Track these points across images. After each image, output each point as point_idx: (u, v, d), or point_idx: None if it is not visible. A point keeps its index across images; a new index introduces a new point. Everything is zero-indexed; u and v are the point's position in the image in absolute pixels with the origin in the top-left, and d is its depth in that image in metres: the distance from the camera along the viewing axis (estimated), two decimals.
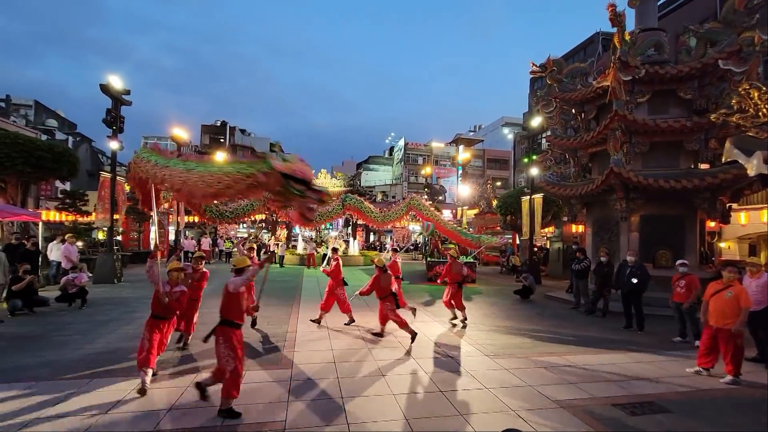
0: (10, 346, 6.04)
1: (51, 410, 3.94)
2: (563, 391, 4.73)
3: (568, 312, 10.02)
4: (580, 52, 33.12)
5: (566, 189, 11.80)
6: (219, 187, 3.76)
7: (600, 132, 10.56)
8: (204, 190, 3.87)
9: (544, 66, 12.31)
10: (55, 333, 6.85)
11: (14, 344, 6.13)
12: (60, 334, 6.79)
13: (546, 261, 19.73)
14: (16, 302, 8.06)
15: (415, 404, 4.27)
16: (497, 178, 44.28)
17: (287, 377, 4.97)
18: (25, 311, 8.19)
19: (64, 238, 12.17)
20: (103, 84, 12.95)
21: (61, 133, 35.98)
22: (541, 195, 15.44)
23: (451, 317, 8.57)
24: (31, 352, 5.74)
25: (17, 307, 8.05)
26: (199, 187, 3.89)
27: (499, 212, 20.90)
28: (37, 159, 13.07)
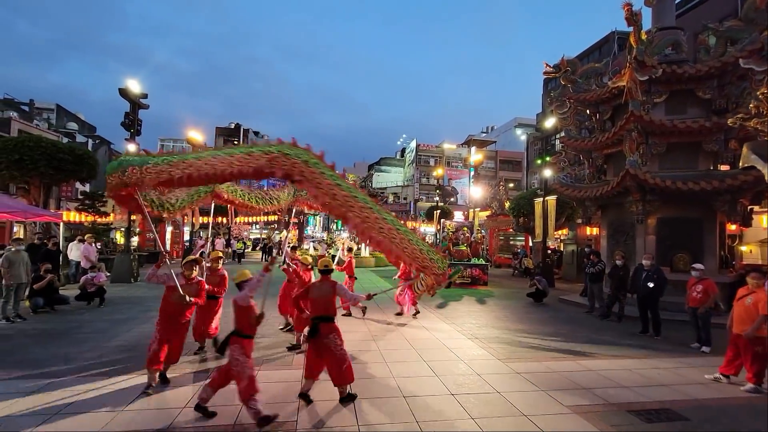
0: (32, 342, 6.24)
1: (71, 406, 4.05)
2: (577, 396, 4.66)
3: (582, 316, 9.87)
4: (594, 51, 32.62)
5: (580, 191, 11.63)
6: (231, 170, 3.94)
7: (615, 133, 10.38)
8: (216, 174, 4.02)
9: (558, 66, 12.16)
10: (74, 330, 7.04)
11: (36, 341, 6.32)
12: (79, 331, 6.98)
13: (559, 264, 19.44)
14: (38, 300, 8.32)
15: (425, 407, 4.26)
16: (510, 179, 43.89)
17: (298, 378, 5.01)
18: (47, 309, 8.44)
19: (84, 238, 12.51)
20: (121, 88, 13.29)
21: (81, 135, 36.97)
22: (554, 197, 15.23)
23: (397, 311, 8.96)
24: (51, 349, 5.91)
25: (39, 305, 8.31)
26: (210, 170, 4.00)
27: (511, 214, 20.68)
28: (58, 161, 13.46)
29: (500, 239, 26.49)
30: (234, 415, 3.93)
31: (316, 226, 52.35)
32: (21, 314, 7.78)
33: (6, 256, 7.77)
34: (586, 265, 10.39)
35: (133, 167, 4.12)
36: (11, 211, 10.40)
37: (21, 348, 5.97)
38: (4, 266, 7.67)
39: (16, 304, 7.75)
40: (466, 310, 10.11)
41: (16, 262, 7.77)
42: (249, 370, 3.85)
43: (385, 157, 61.21)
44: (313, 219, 50.14)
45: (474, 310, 10.25)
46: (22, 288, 8.00)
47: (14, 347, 6.00)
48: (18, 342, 6.27)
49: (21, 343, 6.18)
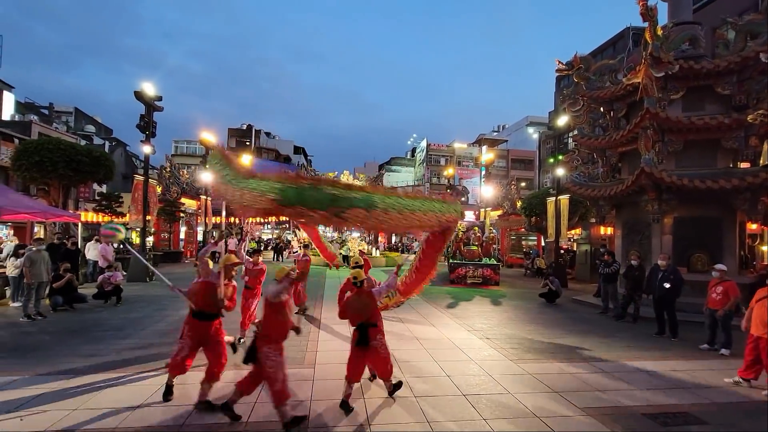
0: (52, 339, 6.41)
1: (88, 402, 4.15)
2: (590, 398, 4.59)
3: (596, 317, 9.72)
4: (608, 48, 32.07)
5: (594, 190, 11.45)
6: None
7: (630, 130, 10.19)
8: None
9: (571, 64, 11.98)
10: (92, 328, 7.21)
11: (56, 338, 6.49)
12: (97, 329, 7.15)
13: (572, 264, 19.17)
14: (58, 299, 8.55)
15: (436, 408, 4.24)
16: (521, 178, 43.43)
17: (310, 376, 5.05)
18: (66, 307, 8.66)
19: (101, 238, 12.79)
20: (137, 91, 13.56)
21: (98, 138, 37.83)
22: (567, 196, 15.03)
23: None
24: (71, 346, 6.06)
25: (58, 303, 8.54)
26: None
27: (523, 213, 20.49)
28: (77, 163, 13.81)
29: (512, 239, 26.24)
30: (246, 413, 3.98)
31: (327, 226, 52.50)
32: (42, 312, 8.00)
33: (28, 255, 8.00)
34: (600, 266, 10.23)
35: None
36: (32, 212, 10.71)
37: (42, 345, 6.14)
38: (26, 265, 7.90)
39: (37, 302, 7.97)
40: (478, 311, 10.04)
41: (37, 261, 7.99)
42: (283, 372, 3.70)
43: (396, 157, 61.16)
44: None
45: (485, 310, 10.17)
46: (42, 286, 8.22)
47: (35, 344, 6.17)
48: (39, 339, 6.45)
49: (42, 340, 6.36)
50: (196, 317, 4.23)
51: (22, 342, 6.30)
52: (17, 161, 13.79)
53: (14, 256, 8.85)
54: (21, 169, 13.77)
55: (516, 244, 25.97)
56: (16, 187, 15.74)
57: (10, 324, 7.44)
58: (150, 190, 14.73)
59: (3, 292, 9.33)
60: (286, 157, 52.98)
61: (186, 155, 44.67)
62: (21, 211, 10.01)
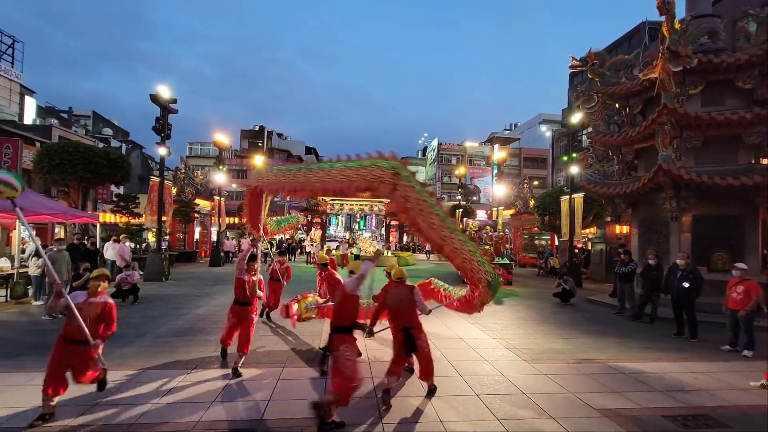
0: None
1: (109, 397, 4.24)
2: (607, 399, 4.51)
3: (612, 317, 9.54)
4: (624, 43, 31.47)
5: (609, 188, 11.24)
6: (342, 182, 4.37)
7: (647, 127, 9.97)
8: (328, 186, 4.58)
9: (585, 59, 11.79)
10: None
11: None
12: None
13: (587, 263, 18.87)
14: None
15: (450, 407, 4.22)
16: (534, 177, 42.91)
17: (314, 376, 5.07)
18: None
19: (119, 238, 13.08)
20: (152, 94, 13.82)
21: (115, 140, 38.70)
22: (581, 194, 14.79)
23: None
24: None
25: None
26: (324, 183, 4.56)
27: (536, 212, 20.23)
28: (95, 165, 14.16)
29: (525, 238, 25.95)
30: (261, 410, 4.02)
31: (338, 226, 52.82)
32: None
33: (49, 255, 8.22)
34: (616, 265, 10.04)
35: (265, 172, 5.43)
36: (53, 213, 11.01)
37: None
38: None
39: None
40: (490, 310, 9.93)
41: (59, 260, 8.21)
42: (358, 373, 3.74)
43: (407, 157, 60.99)
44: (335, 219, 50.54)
45: (498, 309, 10.08)
46: (64, 285, 8.43)
47: None
48: None
49: None
50: (236, 304, 5.40)
51: (45, 340, 6.46)
52: (39, 164, 14.20)
53: (36, 256, 9.11)
54: (42, 171, 14.18)
55: (529, 243, 25.68)
56: (38, 188, 16.19)
57: (32, 322, 7.66)
58: (165, 191, 14.99)
59: (26, 291, 9.61)
60: (298, 158, 53.36)
61: (200, 156, 45.41)
62: (43, 212, 10.31)
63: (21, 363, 5.28)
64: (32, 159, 15.41)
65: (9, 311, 8.54)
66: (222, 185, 22.43)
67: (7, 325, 7.48)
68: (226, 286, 13.01)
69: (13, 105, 24.21)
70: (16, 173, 3.79)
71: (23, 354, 5.70)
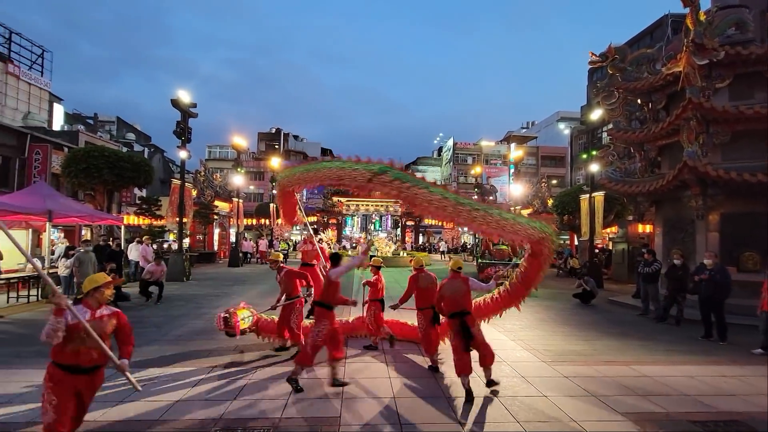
0: None
1: (134, 393, 4.37)
2: (631, 402, 4.38)
3: (635, 318, 9.28)
4: (645, 37, 30.58)
5: (632, 186, 10.94)
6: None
7: (671, 122, 9.66)
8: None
9: (605, 55, 11.50)
10: (135, 325, 7.47)
11: None
12: (139, 326, 7.51)
13: (608, 263, 18.41)
14: None
15: (468, 410, 4.18)
16: (552, 176, 42.16)
17: (341, 375, 5.09)
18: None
19: (142, 239, 13.47)
20: (173, 99, 14.19)
21: (138, 144, 39.88)
22: (602, 193, 14.45)
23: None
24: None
25: None
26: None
27: (555, 212, 19.88)
28: (119, 169, 14.64)
29: None
30: (279, 410, 4.07)
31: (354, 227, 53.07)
32: None
33: (77, 256, 8.54)
34: (640, 265, 9.76)
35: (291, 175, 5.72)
36: (80, 215, 11.42)
37: None
38: (75, 265, 8.43)
39: None
40: (508, 311, 9.78)
41: (86, 261, 8.51)
42: (322, 341, 4.53)
43: (422, 157, 60.88)
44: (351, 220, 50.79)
45: (515, 310, 9.91)
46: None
47: None
48: None
49: None
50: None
51: None
52: (67, 168, 14.77)
53: (65, 257, 9.48)
54: (70, 175, 14.75)
55: None
56: (66, 192, 16.83)
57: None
58: (186, 193, 15.35)
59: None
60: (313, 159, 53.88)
61: (219, 159, 46.34)
62: (71, 215, 10.71)
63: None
64: (60, 164, 16.05)
65: (40, 310, 8.91)
66: (240, 187, 22.84)
67: (39, 324, 7.77)
68: (244, 286, 13.24)
69: (42, 112, 25.23)
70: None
71: None
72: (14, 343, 6.38)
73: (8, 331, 7.10)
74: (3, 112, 22.33)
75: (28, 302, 9.49)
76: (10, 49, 23.55)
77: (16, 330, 7.22)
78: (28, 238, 11.75)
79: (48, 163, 17.22)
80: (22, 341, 6.49)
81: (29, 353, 5.81)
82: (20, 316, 8.25)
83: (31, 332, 7.08)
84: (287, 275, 5.92)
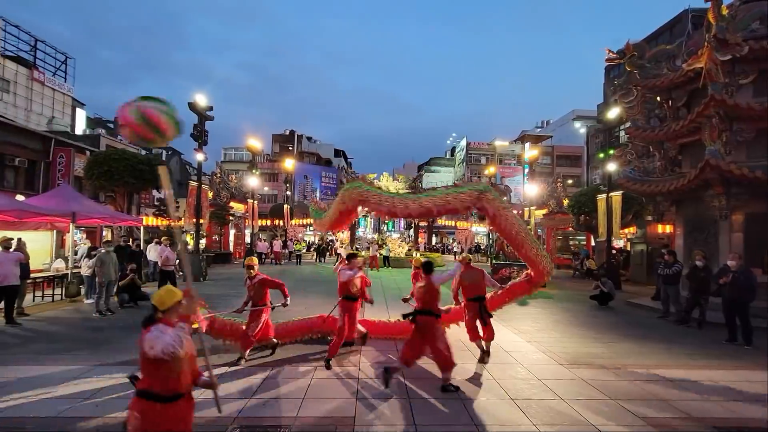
0: (121, 333, 6.99)
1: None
2: (652, 407, 4.28)
3: (655, 321, 9.06)
4: (665, 33, 29.84)
5: (651, 185, 10.69)
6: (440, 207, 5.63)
7: (692, 120, 9.41)
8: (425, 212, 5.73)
9: (623, 52, 11.26)
10: None
11: (125, 332, 7.06)
12: None
13: (626, 264, 18.01)
14: (124, 296, 9.33)
15: (484, 412, 4.15)
16: (568, 175, 41.50)
17: (355, 376, 5.12)
18: (131, 304, 9.41)
19: (160, 240, 13.76)
20: (190, 102, 14.47)
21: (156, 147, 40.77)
22: (620, 192, 14.15)
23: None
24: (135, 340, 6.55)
25: (125, 300, 9.31)
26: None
27: (571, 212, 19.54)
28: (139, 171, 15.00)
29: (558, 239, 25.10)
30: (296, 409, 4.11)
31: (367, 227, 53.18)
32: (111, 308, 8.74)
33: (98, 256, 8.77)
34: (659, 266, 9.53)
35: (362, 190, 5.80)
36: (102, 217, 11.75)
37: (113, 338, 6.71)
38: (97, 265, 8.66)
39: (107, 300, 8.73)
40: (524, 312, 9.70)
41: (107, 261, 8.74)
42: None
43: (435, 157, 60.63)
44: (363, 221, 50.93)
45: (531, 312, 9.81)
46: (111, 285, 8.99)
47: (108, 338, 6.76)
48: (110, 333, 7.05)
49: (113, 335, 6.95)
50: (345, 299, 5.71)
51: (95, 336, 6.92)
52: (89, 171, 15.22)
53: (87, 257, 9.75)
54: (92, 178, 15.19)
55: (563, 244, 24.83)
56: (88, 194, 17.32)
57: (84, 319, 8.20)
58: (202, 195, 15.63)
59: (79, 290, 10.30)
60: (327, 160, 54.27)
61: (234, 161, 47.04)
62: (93, 216, 11.03)
63: (76, 356, 5.67)
64: (83, 167, 16.53)
65: (64, 308, 9.20)
66: (255, 189, 23.13)
67: (63, 321, 8.05)
68: None
69: (65, 117, 26.07)
70: (170, 109, 2.76)
71: (78, 348, 6.11)
72: (40, 340, 6.60)
73: (34, 329, 7.35)
74: (29, 118, 23.15)
75: (53, 301, 9.81)
76: (35, 56, 24.43)
77: (41, 328, 7.47)
78: (53, 239, 12.12)
79: (71, 166, 17.76)
80: (48, 338, 6.72)
81: (54, 350, 6.00)
82: (45, 315, 8.52)
83: (56, 330, 7.33)
84: (262, 282, 5.71)
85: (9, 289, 7.45)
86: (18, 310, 8.00)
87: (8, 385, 4.59)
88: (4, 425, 3.69)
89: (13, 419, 3.81)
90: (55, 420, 3.80)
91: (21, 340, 6.62)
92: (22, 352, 5.92)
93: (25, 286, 8.51)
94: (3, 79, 22.21)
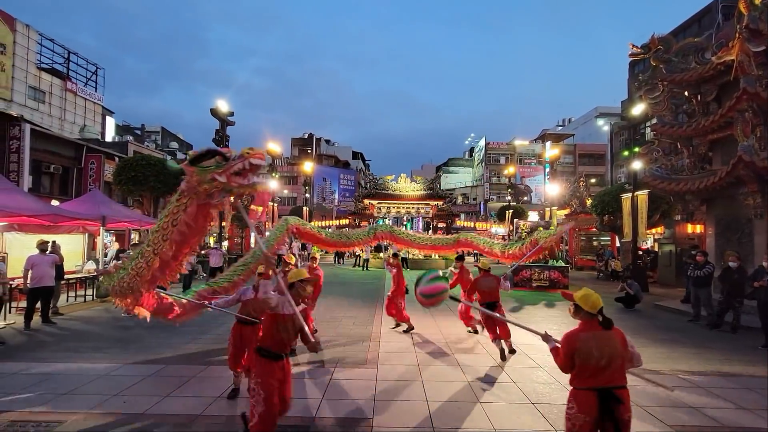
0: (146, 333, 7.22)
1: (176, 391, 4.61)
2: (682, 415, 4.11)
3: (685, 325, 8.70)
4: (692, 25, 28.74)
5: (679, 183, 10.29)
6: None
7: (723, 115, 9.02)
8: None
9: (648, 46, 10.91)
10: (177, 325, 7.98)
11: (149, 332, 7.28)
12: (182, 325, 7.88)
13: (654, 266, 17.37)
14: None
15: (502, 413, 4.08)
16: (591, 174, 40.42)
17: (373, 377, 5.13)
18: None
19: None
20: (212, 108, 14.87)
21: (180, 153, 41.98)
22: (646, 191, 13.69)
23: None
24: (161, 339, 6.78)
25: None
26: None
27: (594, 212, 19.01)
28: (165, 176, 15.49)
29: (581, 239, 24.47)
30: (313, 409, 4.14)
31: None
32: None
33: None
34: (690, 268, 9.15)
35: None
36: (130, 220, 12.20)
37: (139, 338, 6.95)
38: None
39: None
40: (545, 315, 9.51)
41: None
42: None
43: (453, 158, 60.21)
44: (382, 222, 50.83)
45: (553, 314, 9.60)
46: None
47: (134, 337, 7.01)
48: (136, 332, 7.30)
49: (139, 334, 7.20)
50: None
51: (124, 335, 7.19)
52: (118, 177, 15.83)
53: (116, 259, 10.12)
54: (121, 183, 15.79)
55: (586, 245, 24.18)
56: (117, 198, 18.02)
57: (114, 319, 8.52)
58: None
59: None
60: (345, 163, 54.65)
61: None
62: (122, 220, 11.47)
63: (107, 355, 5.90)
64: (112, 172, 17.21)
65: (95, 308, 9.58)
66: (275, 191, 23.52)
67: (95, 321, 8.39)
68: None
69: (96, 125, 27.22)
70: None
71: (109, 347, 6.36)
72: (73, 339, 6.90)
73: (68, 328, 7.69)
74: (62, 126, 24.28)
75: (85, 301, 10.24)
76: (68, 68, 25.61)
77: (74, 327, 7.81)
78: (85, 241, 12.66)
79: (101, 172, 18.55)
80: (80, 337, 7.02)
81: (86, 348, 6.26)
82: (78, 314, 8.91)
83: (88, 329, 7.65)
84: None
85: (45, 289, 7.81)
86: (53, 310, 8.39)
87: (46, 380, 4.82)
88: (44, 419, 3.86)
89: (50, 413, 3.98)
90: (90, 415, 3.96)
91: (56, 338, 6.94)
92: (57, 349, 6.21)
93: (59, 287, 8.91)
94: (39, 90, 23.39)
